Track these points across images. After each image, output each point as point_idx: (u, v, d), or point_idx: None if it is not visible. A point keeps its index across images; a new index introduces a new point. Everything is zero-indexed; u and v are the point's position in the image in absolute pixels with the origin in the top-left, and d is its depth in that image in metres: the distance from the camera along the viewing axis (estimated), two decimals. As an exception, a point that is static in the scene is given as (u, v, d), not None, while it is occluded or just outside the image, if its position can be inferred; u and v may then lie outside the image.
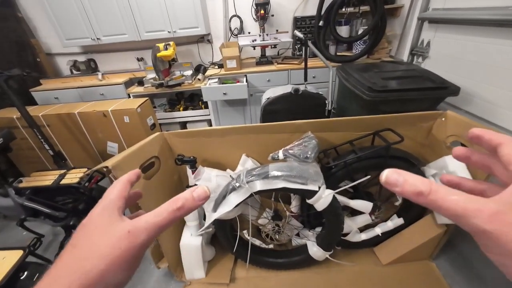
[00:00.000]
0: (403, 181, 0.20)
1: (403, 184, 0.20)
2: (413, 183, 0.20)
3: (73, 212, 1.50)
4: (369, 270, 1.34)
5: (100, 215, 0.25)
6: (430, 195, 0.19)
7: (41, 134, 1.78)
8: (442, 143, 1.17)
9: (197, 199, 0.26)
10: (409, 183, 0.20)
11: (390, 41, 2.46)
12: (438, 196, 0.19)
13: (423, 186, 0.20)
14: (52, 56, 3.07)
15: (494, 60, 1.34)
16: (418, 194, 0.20)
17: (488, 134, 0.23)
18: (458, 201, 0.19)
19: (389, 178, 0.21)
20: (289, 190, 1.03)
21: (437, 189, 0.19)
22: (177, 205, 0.24)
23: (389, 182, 0.21)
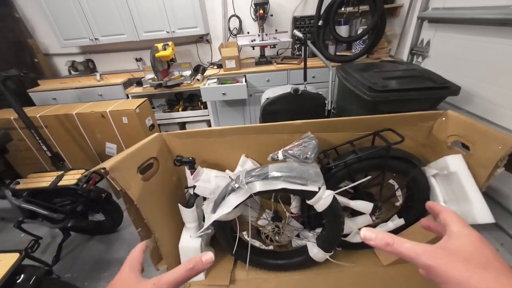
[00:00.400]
0: (375, 236, 0.28)
1: (375, 238, 0.28)
2: (382, 237, 0.28)
3: (71, 214, 1.49)
4: (370, 271, 1.33)
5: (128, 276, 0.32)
6: (394, 245, 0.27)
7: (39, 135, 1.76)
8: (443, 143, 1.16)
9: (205, 263, 0.33)
10: (379, 238, 0.28)
11: (389, 40, 2.46)
12: (398, 245, 0.27)
13: (389, 238, 0.27)
14: (50, 57, 3.06)
15: (494, 59, 1.33)
16: (386, 244, 0.27)
17: (433, 206, 0.34)
18: (411, 248, 0.27)
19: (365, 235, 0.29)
20: (289, 191, 1.02)
21: (398, 240, 0.27)
22: (190, 266, 0.31)
23: (366, 237, 0.29)
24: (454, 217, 0.29)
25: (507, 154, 0.90)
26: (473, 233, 0.27)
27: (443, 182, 1.13)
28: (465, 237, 0.27)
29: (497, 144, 0.92)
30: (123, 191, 1.01)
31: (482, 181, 0.99)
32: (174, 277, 0.30)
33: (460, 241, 0.27)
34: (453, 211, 0.30)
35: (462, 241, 0.27)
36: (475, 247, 0.26)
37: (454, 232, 0.28)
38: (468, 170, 1.01)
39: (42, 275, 0.98)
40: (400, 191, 1.30)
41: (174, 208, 1.26)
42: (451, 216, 0.29)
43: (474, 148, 1.03)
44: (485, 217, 0.95)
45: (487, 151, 0.97)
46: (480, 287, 0.23)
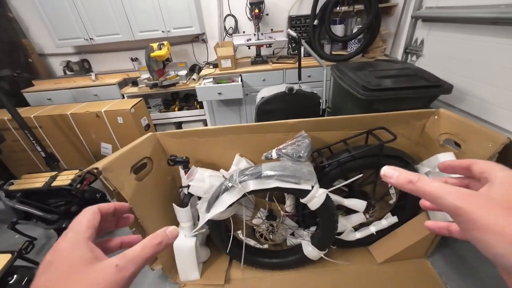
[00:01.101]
0: (398, 173, 0.26)
1: (398, 176, 0.26)
2: (405, 174, 0.26)
3: (66, 215, 1.48)
4: (365, 269, 1.34)
5: (71, 251, 0.23)
6: (418, 182, 0.24)
7: (33, 136, 1.75)
8: (435, 141, 1.17)
9: (170, 236, 0.29)
10: (403, 174, 0.26)
11: (384, 40, 2.47)
12: (423, 183, 0.24)
13: (413, 176, 0.25)
14: (45, 57, 3.03)
15: (486, 58, 1.34)
16: (409, 182, 0.25)
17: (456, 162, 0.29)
18: (438, 187, 0.23)
19: (386, 171, 0.27)
20: (282, 190, 1.02)
21: (423, 178, 0.25)
22: (158, 241, 0.27)
23: (386, 174, 0.27)
24: (494, 164, 0.25)
25: (497, 151, 0.91)
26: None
27: (435, 180, 1.14)
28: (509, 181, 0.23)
29: (488, 142, 0.93)
30: (116, 191, 1.01)
31: (474, 178, 1.00)
32: (141, 254, 0.25)
33: (504, 187, 0.23)
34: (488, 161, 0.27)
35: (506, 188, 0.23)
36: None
37: (498, 177, 0.23)
38: (459, 167, 1.02)
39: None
40: (393, 189, 1.30)
41: (168, 208, 1.25)
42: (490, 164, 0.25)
43: (465, 146, 1.04)
44: (476, 214, 0.96)
45: (478, 148, 0.97)
46: None
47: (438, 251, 1.37)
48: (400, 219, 1.31)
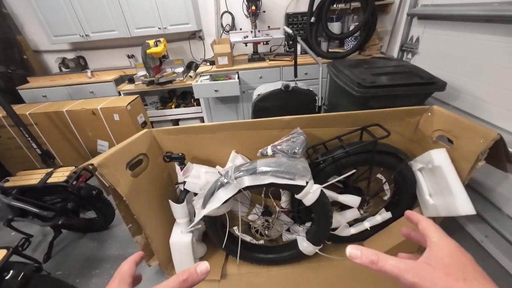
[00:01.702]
0: (360, 253, 0.29)
1: (361, 256, 0.29)
2: (367, 253, 0.28)
3: (62, 212, 1.48)
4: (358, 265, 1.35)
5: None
6: (378, 263, 0.28)
7: (28, 133, 1.74)
8: (429, 137, 1.19)
9: (199, 274, 0.29)
10: (364, 254, 0.28)
11: (381, 37, 2.48)
12: (383, 263, 0.27)
13: (373, 255, 0.28)
14: (40, 54, 3.01)
15: (480, 56, 1.35)
16: (371, 262, 0.28)
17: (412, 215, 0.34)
18: (395, 266, 0.27)
19: (350, 252, 0.29)
20: (277, 186, 1.03)
21: (382, 258, 0.28)
22: (184, 277, 0.28)
23: (351, 255, 0.29)
24: (432, 227, 0.30)
25: (487, 147, 0.93)
26: (451, 243, 0.28)
27: (428, 176, 1.15)
28: (444, 248, 0.28)
29: (479, 138, 0.95)
30: (112, 187, 1.02)
31: (465, 174, 1.01)
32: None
33: (440, 252, 0.27)
34: (430, 220, 0.31)
35: (441, 253, 0.27)
36: (454, 258, 0.27)
37: (434, 242, 0.28)
38: (451, 163, 1.04)
39: (31, 272, 0.98)
40: (387, 185, 1.32)
41: (165, 204, 1.26)
42: (430, 226, 0.30)
43: (457, 142, 1.05)
44: (467, 209, 0.98)
45: (469, 145, 0.99)
46: None
47: (431, 246, 1.39)
48: (394, 215, 1.33)
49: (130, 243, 1.64)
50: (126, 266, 0.33)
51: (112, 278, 0.32)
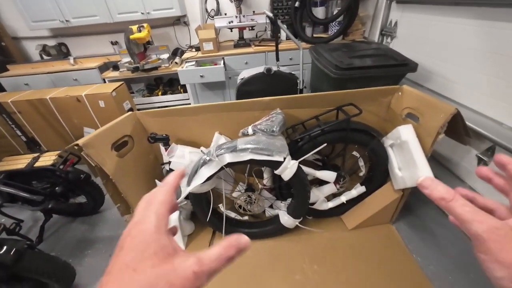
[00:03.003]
0: (435, 186, 0.26)
1: (433, 189, 0.26)
2: (441, 189, 0.25)
3: (51, 196, 1.51)
4: (337, 235, 1.46)
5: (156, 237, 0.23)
6: (451, 202, 0.24)
7: (12, 120, 1.74)
8: (399, 115, 1.27)
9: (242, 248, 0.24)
10: (438, 189, 0.25)
11: (363, 22, 2.52)
12: (456, 204, 0.24)
13: (447, 194, 0.25)
14: (19, 40, 2.91)
15: (449, 38, 1.43)
16: (442, 198, 0.25)
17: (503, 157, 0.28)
18: (469, 212, 0.24)
19: (423, 181, 0.26)
20: (257, 162, 1.10)
21: (457, 198, 0.24)
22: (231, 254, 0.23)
23: (423, 184, 0.26)
24: None
25: (446, 121, 1.01)
26: None
27: (397, 151, 1.25)
28: None
29: (439, 113, 1.03)
30: (98, 166, 1.06)
31: (428, 147, 1.11)
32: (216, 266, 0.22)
33: None
34: None
35: None
36: None
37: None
38: (416, 138, 1.13)
39: (24, 248, 1.03)
40: (362, 162, 1.41)
41: (152, 184, 1.32)
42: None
43: (422, 118, 1.14)
44: (428, 178, 1.07)
45: (432, 120, 1.08)
46: None
47: (402, 217, 1.51)
48: (369, 189, 1.43)
49: (121, 225, 1.70)
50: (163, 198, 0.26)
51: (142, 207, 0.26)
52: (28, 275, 1.06)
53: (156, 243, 0.22)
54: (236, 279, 1.29)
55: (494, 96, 1.22)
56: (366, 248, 1.40)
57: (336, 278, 1.25)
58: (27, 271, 1.04)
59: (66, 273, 1.22)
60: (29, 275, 1.07)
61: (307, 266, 1.32)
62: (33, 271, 1.05)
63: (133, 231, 0.23)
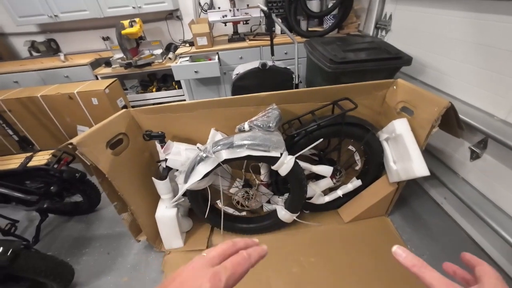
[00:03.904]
0: (405, 255, 0.30)
1: (405, 257, 0.30)
2: (411, 257, 0.30)
3: (46, 195, 1.50)
4: (333, 229, 1.49)
5: None
6: (421, 268, 0.28)
7: (2, 119, 1.70)
8: (393, 109, 1.28)
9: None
10: (409, 258, 0.30)
11: (358, 15, 2.51)
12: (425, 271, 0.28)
13: (418, 261, 0.29)
14: (6, 36, 2.82)
15: (443, 31, 1.43)
16: (413, 265, 0.29)
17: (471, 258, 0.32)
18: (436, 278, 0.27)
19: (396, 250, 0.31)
20: (254, 158, 1.10)
21: (426, 267, 0.29)
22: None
23: (396, 252, 0.31)
24: (492, 273, 0.28)
25: (440, 114, 1.03)
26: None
27: (392, 144, 1.26)
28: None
29: (433, 107, 1.05)
30: (93, 165, 1.05)
31: (422, 140, 1.12)
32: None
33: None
34: (491, 267, 0.29)
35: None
36: None
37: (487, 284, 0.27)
38: (410, 131, 1.14)
39: (20, 248, 1.02)
40: (358, 156, 1.43)
41: (148, 182, 1.31)
42: (489, 271, 0.28)
43: (416, 111, 1.15)
44: (422, 171, 1.09)
45: (426, 113, 1.09)
46: None
47: (397, 209, 1.54)
48: (364, 183, 1.45)
49: (118, 223, 1.69)
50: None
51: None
52: (25, 275, 1.06)
53: None
54: (234, 273, 1.30)
55: (486, 88, 1.24)
56: (362, 240, 1.43)
57: (333, 270, 1.28)
58: (24, 271, 1.03)
59: (64, 272, 1.22)
60: (26, 275, 1.06)
61: (304, 259, 1.34)
62: (30, 271, 1.05)
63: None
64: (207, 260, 0.29)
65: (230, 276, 0.28)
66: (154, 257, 1.44)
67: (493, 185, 1.22)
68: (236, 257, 0.30)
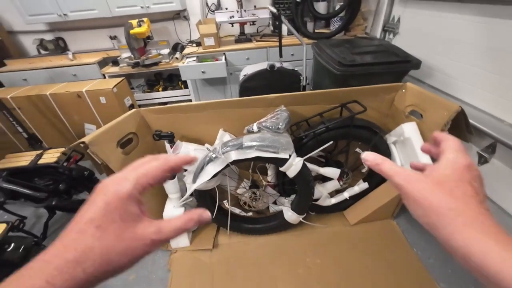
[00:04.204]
0: (372, 156, 0.31)
1: (371, 159, 0.31)
2: (375, 157, 0.30)
3: (54, 193, 1.51)
4: (339, 231, 1.49)
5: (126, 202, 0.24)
6: (381, 165, 0.29)
7: (12, 117, 1.72)
8: (402, 112, 1.28)
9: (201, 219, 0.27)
10: (372, 157, 0.31)
11: (365, 18, 2.51)
12: (383, 165, 0.29)
13: (380, 159, 0.30)
14: (15, 34, 2.85)
15: (452, 34, 1.43)
16: (376, 164, 0.30)
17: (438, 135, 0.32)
18: (391, 169, 0.28)
19: (366, 155, 0.32)
20: (262, 159, 1.11)
21: (386, 162, 0.29)
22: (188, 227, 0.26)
23: (365, 157, 0.32)
24: (453, 144, 0.28)
25: (450, 119, 1.03)
26: (461, 160, 0.26)
27: (400, 148, 1.26)
28: (452, 163, 0.26)
29: (443, 111, 1.05)
30: (104, 164, 1.06)
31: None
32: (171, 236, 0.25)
33: (444, 167, 0.26)
34: (457, 139, 0.29)
35: (445, 167, 0.26)
36: (455, 173, 0.25)
37: (445, 158, 0.27)
38: (419, 135, 1.14)
39: (31, 245, 1.04)
40: (365, 158, 1.43)
41: (156, 181, 1.32)
42: (451, 144, 0.28)
43: (426, 115, 1.15)
44: (431, 175, 1.09)
45: (435, 117, 1.09)
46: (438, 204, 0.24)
47: (403, 212, 1.54)
48: (371, 185, 1.45)
49: (125, 221, 1.71)
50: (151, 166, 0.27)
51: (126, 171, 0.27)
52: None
53: (124, 208, 0.24)
54: (241, 272, 1.31)
55: (495, 93, 1.24)
56: (368, 242, 1.43)
57: (338, 272, 1.28)
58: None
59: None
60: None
61: (310, 260, 1.34)
62: (41, 268, 1.06)
63: (108, 188, 0.24)
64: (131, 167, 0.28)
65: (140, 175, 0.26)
66: (161, 256, 1.45)
67: (502, 191, 1.22)
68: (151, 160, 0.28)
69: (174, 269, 1.36)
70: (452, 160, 0.27)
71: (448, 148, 0.28)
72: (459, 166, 0.26)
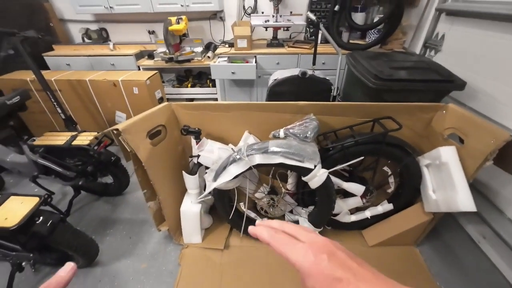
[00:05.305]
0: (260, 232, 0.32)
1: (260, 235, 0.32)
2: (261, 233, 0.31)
3: (82, 174, 1.59)
4: (355, 250, 1.42)
5: None
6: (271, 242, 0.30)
7: (54, 98, 1.84)
8: (440, 135, 1.20)
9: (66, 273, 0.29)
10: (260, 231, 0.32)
11: (405, 32, 2.41)
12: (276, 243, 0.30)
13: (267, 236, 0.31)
14: (65, 22, 3.08)
15: (503, 56, 1.33)
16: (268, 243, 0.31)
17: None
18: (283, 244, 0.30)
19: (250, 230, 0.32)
20: (286, 166, 1.09)
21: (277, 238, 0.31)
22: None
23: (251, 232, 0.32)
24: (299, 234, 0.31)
25: (497, 148, 0.94)
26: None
27: (434, 172, 1.18)
28: None
29: (490, 138, 0.96)
30: (133, 152, 1.09)
31: (471, 172, 1.04)
32: None
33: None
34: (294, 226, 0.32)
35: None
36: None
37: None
38: (458, 161, 1.06)
39: (58, 221, 1.09)
40: (392, 178, 1.35)
41: (178, 175, 1.34)
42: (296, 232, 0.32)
43: (468, 140, 1.07)
44: (468, 205, 1.01)
45: (479, 143, 1.01)
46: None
47: (428, 240, 1.44)
48: (396, 207, 1.37)
49: (141, 210, 1.76)
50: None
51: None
52: (58, 246, 1.13)
53: None
54: (250, 276, 1.30)
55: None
56: (386, 267, 1.35)
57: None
58: (59, 243, 1.10)
59: (91, 249, 1.28)
60: (59, 246, 1.13)
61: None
62: (64, 244, 1.11)
63: None
64: None
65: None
66: (172, 249, 1.47)
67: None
68: None
69: (184, 264, 1.37)
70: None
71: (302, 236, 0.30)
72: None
